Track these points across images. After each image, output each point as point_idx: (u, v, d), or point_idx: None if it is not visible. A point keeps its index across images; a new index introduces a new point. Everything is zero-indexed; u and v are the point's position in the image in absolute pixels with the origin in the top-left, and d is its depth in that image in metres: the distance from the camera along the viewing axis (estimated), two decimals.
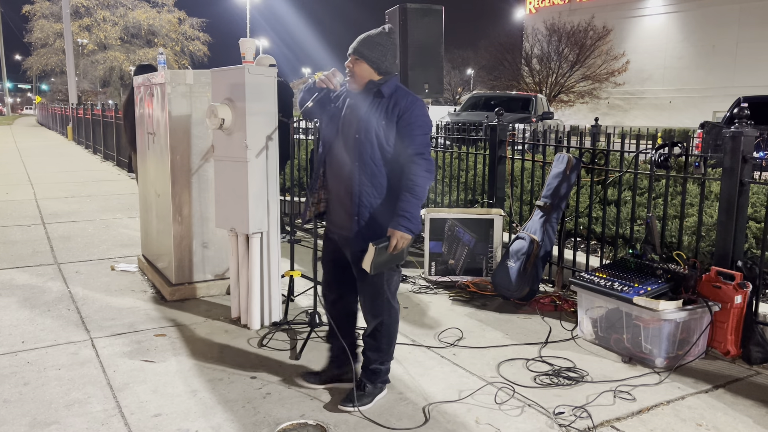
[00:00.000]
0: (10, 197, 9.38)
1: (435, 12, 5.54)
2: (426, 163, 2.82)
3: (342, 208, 2.95)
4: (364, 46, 2.90)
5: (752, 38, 35.28)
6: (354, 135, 2.86)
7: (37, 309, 4.38)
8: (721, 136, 3.91)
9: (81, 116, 20.95)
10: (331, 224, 3.07)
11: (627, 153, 4.58)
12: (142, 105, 5.12)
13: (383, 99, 2.87)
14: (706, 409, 3.08)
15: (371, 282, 2.96)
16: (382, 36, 2.93)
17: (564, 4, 44.16)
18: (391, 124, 2.83)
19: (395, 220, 2.81)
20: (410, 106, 2.83)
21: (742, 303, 3.63)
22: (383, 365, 3.09)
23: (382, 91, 2.87)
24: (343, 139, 2.93)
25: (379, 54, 2.89)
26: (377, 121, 2.83)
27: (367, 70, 2.89)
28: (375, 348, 3.06)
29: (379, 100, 2.87)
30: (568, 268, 4.85)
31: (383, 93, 2.87)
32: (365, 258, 2.80)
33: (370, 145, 2.83)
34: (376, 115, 2.84)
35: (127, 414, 2.93)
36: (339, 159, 2.94)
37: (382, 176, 2.87)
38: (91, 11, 44.73)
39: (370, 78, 2.90)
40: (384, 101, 2.86)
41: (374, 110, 2.85)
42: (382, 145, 2.84)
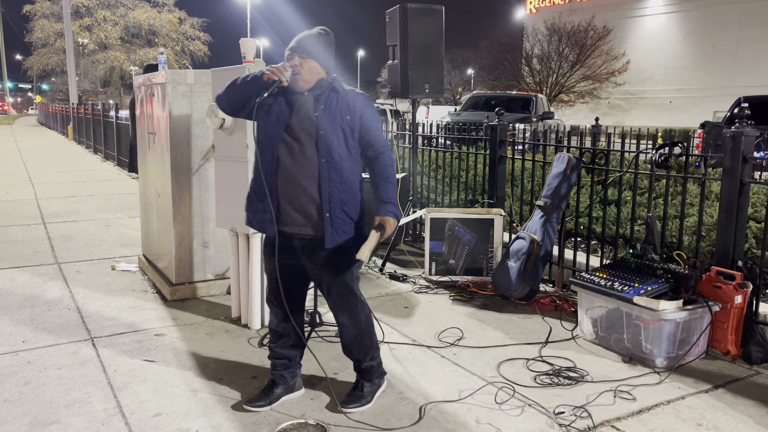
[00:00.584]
0: (11, 197, 9.38)
1: (435, 12, 5.55)
2: (390, 153, 2.93)
3: (305, 210, 2.84)
4: (312, 46, 2.89)
5: (753, 38, 35.26)
6: (318, 131, 2.82)
7: (38, 308, 4.38)
8: (721, 136, 3.91)
9: (81, 116, 20.96)
10: (287, 227, 2.88)
11: (627, 153, 4.58)
12: (142, 105, 5.13)
13: (339, 95, 2.89)
14: (706, 409, 3.08)
15: (342, 281, 2.92)
16: (325, 37, 2.93)
17: (564, 4, 44.14)
18: (356, 118, 2.87)
19: (384, 207, 2.83)
20: (366, 103, 2.92)
21: (742, 303, 3.63)
22: (374, 360, 3.09)
23: (336, 88, 2.90)
24: (302, 138, 2.84)
25: (328, 54, 2.92)
26: (341, 116, 2.85)
27: (317, 69, 2.89)
28: (361, 347, 3.03)
29: (336, 96, 2.88)
30: (568, 267, 4.85)
31: (338, 90, 2.90)
32: (364, 247, 2.78)
33: (337, 140, 2.84)
34: (339, 110, 2.86)
35: (128, 413, 2.93)
36: (299, 159, 2.83)
37: (348, 171, 2.87)
38: (92, 11, 44.72)
39: (320, 76, 2.90)
40: (341, 97, 2.88)
41: (335, 106, 2.86)
42: (347, 140, 2.86)
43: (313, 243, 2.88)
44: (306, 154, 2.83)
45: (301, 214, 2.86)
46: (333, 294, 2.96)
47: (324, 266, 2.91)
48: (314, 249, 2.88)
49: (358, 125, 2.88)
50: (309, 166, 2.83)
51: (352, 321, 2.98)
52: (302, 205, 2.85)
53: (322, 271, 2.92)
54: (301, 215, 2.86)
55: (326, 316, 4.26)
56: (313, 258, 2.91)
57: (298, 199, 2.85)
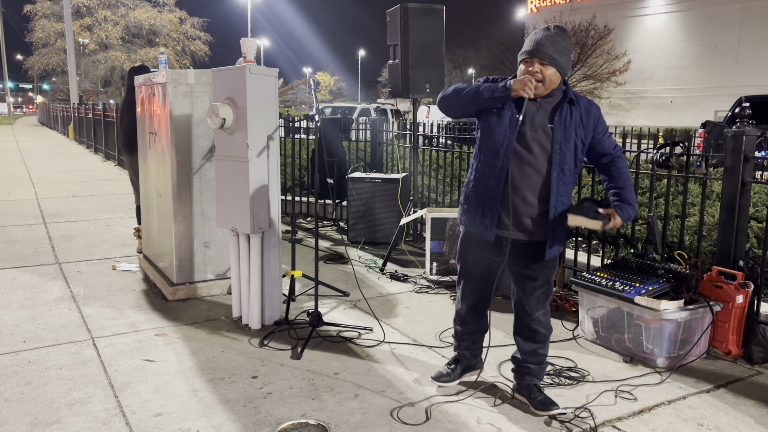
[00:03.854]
0: (12, 197, 9.38)
1: (436, 11, 5.54)
2: (623, 158, 2.96)
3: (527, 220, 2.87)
4: (554, 51, 2.74)
5: (754, 38, 35.22)
6: (552, 144, 2.79)
7: (39, 308, 4.38)
8: (722, 136, 3.91)
9: (82, 116, 20.97)
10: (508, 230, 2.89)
11: (628, 152, 4.57)
12: (143, 105, 5.13)
13: (575, 107, 2.82)
14: (707, 409, 3.08)
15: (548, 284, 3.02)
16: (564, 39, 2.78)
17: (565, 4, 44.10)
18: (588, 132, 2.86)
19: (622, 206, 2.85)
20: (599, 113, 2.90)
21: (743, 303, 3.62)
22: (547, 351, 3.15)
23: (571, 97, 2.83)
24: (534, 148, 2.80)
25: (567, 60, 2.80)
26: (576, 131, 2.82)
27: (556, 76, 2.78)
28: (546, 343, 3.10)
29: (570, 108, 2.82)
30: (569, 267, 4.85)
31: (573, 99, 2.83)
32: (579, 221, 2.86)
33: (570, 153, 2.83)
34: (573, 124, 2.82)
35: (129, 413, 2.93)
36: (529, 168, 2.81)
37: (571, 185, 2.91)
38: (93, 11, 44.75)
39: (557, 83, 2.82)
40: (576, 109, 2.82)
41: (569, 118, 2.81)
42: (578, 153, 2.86)
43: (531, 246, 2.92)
44: (537, 165, 2.82)
45: (521, 223, 2.88)
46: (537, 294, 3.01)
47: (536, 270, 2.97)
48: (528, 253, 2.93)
49: (590, 138, 2.88)
50: (538, 178, 2.83)
51: (545, 318, 3.06)
52: (525, 214, 2.86)
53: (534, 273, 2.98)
54: (522, 224, 2.88)
55: (327, 316, 4.26)
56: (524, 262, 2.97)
57: (521, 208, 2.86)
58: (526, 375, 3.09)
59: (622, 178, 2.91)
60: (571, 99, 2.82)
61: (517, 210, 2.86)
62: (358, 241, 6.37)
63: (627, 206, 2.87)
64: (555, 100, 2.83)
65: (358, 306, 4.52)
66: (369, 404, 3.05)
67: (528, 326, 3.06)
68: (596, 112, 2.89)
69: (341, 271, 5.45)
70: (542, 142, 2.80)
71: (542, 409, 2.96)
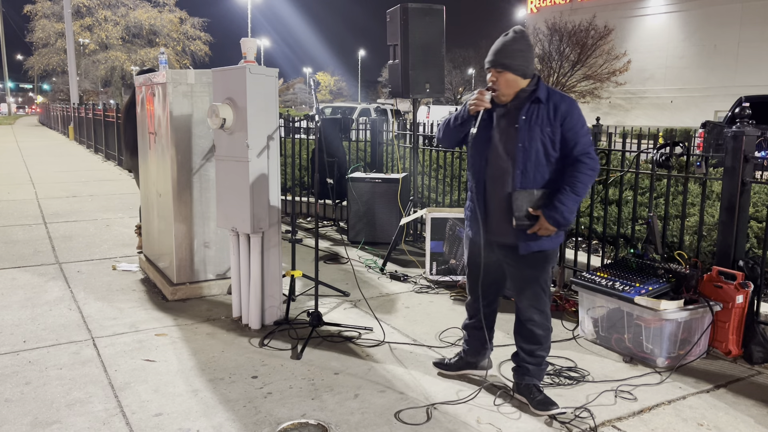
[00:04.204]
0: (12, 197, 9.38)
1: (436, 11, 5.54)
2: (591, 161, 2.86)
3: (505, 219, 2.95)
4: (504, 57, 2.86)
5: (754, 38, 35.22)
6: (516, 144, 2.86)
7: (39, 308, 4.38)
8: (722, 136, 3.91)
9: (82, 116, 20.97)
10: (492, 234, 3.04)
11: (628, 152, 4.58)
12: (143, 105, 5.13)
13: (542, 104, 2.86)
14: (707, 409, 3.08)
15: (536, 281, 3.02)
16: (518, 42, 2.88)
17: (565, 4, 44.10)
18: (555, 129, 2.85)
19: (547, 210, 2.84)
20: (570, 108, 2.86)
21: (743, 303, 3.62)
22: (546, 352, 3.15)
23: (539, 97, 2.87)
24: (502, 151, 2.91)
25: (522, 60, 2.87)
26: (542, 128, 2.84)
27: (514, 80, 2.87)
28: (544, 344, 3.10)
29: (537, 107, 2.86)
30: (569, 267, 4.85)
31: (540, 98, 2.86)
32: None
33: (536, 152, 2.85)
34: (539, 121, 2.84)
35: (129, 413, 2.93)
36: (500, 170, 2.93)
37: (543, 182, 2.90)
38: (93, 11, 44.73)
39: (519, 86, 2.88)
40: (543, 107, 2.85)
41: (535, 117, 2.84)
42: (547, 152, 2.86)
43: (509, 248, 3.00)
44: (506, 168, 2.90)
45: (500, 224, 2.98)
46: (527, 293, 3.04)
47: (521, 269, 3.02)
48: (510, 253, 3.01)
49: (559, 136, 2.86)
50: (507, 178, 2.90)
51: (541, 318, 3.06)
52: (501, 215, 2.95)
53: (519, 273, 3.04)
54: (501, 225, 2.98)
55: (327, 316, 4.26)
56: (510, 261, 3.04)
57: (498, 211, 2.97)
58: (526, 375, 3.09)
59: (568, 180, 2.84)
60: (538, 97, 2.87)
61: (496, 214, 2.99)
62: (358, 241, 6.38)
63: (552, 210, 2.83)
64: (522, 101, 2.90)
65: (358, 306, 4.52)
66: (369, 404, 3.05)
67: (524, 326, 3.08)
68: (566, 107, 2.85)
69: (341, 271, 5.45)
70: (509, 145, 2.89)
71: (541, 409, 2.96)
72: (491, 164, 2.96)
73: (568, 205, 2.82)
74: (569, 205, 2.83)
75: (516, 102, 2.91)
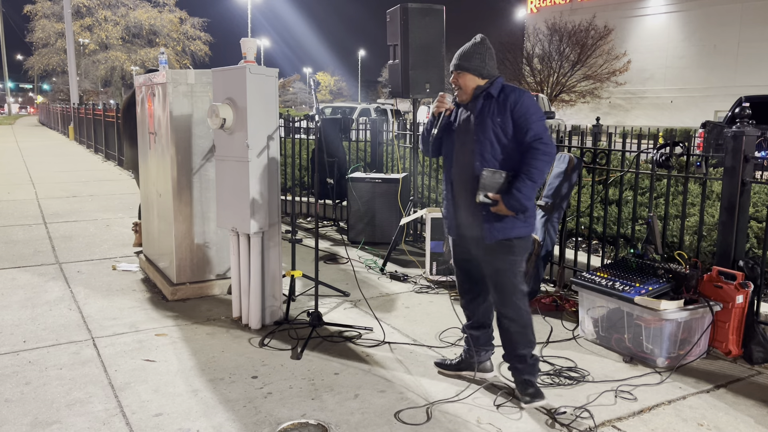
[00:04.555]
0: (12, 197, 9.39)
1: (436, 11, 5.54)
2: (545, 146, 2.92)
3: (471, 209, 3.06)
4: (463, 60, 3.08)
5: (754, 38, 35.22)
6: (472, 137, 3.01)
7: (39, 308, 4.38)
8: (722, 136, 3.91)
9: (82, 116, 20.97)
10: (463, 229, 3.16)
11: (628, 153, 4.58)
12: (143, 105, 5.13)
13: (493, 99, 3.00)
14: (707, 409, 3.08)
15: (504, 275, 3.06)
16: (476, 46, 3.09)
17: (565, 4, 44.09)
18: (506, 117, 2.95)
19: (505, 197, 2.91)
20: (519, 97, 2.97)
21: (743, 303, 3.62)
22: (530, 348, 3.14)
23: (490, 92, 3.02)
24: (464, 147, 3.07)
25: (479, 62, 3.06)
26: (492, 119, 2.97)
27: (471, 79, 3.06)
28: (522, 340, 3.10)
29: (489, 101, 3.01)
30: (569, 267, 4.85)
31: (492, 94, 3.01)
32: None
33: (490, 143, 2.97)
34: (490, 114, 2.98)
35: (129, 413, 2.93)
36: (462, 166, 3.09)
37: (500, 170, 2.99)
38: (93, 11, 44.72)
39: (476, 85, 3.06)
40: (494, 100, 3.00)
41: (487, 110, 2.99)
42: (500, 140, 2.97)
43: (477, 240, 3.08)
44: (467, 160, 3.04)
45: (469, 217, 3.09)
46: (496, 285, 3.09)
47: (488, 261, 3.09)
48: (479, 245, 3.09)
49: (510, 124, 2.96)
50: (468, 172, 3.03)
51: (515, 314, 3.07)
52: (468, 208, 3.07)
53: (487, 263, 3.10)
54: (469, 218, 3.09)
55: (327, 316, 4.26)
56: (480, 254, 3.12)
57: (465, 206, 3.10)
58: (516, 373, 3.12)
59: (523, 167, 2.91)
60: (490, 93, 3.02)
61: (465, 209, 3.11)
62: (358, 241, 6.38)
63: (510, 196, 2.90)
64: (478, 99, 3.06)
65: (358, 306, 4.52)
66: (369, 404, 3.05)
67: (500, 321, 3.13)
68: (515, 97, 2.97)
69: (341, 271, 5.45)
70: (468, 140, 3.05)
71: (527, 402, 2.99)
72: (456, 162, 3.13)
73: (525, 192, 2.91)
74: (525, 192, 2.91)
75: (473, 101, 3.08)
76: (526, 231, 3.05)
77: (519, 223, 3.01)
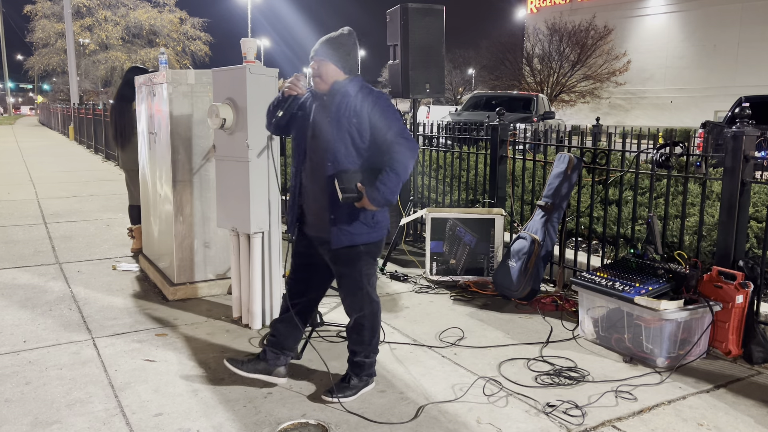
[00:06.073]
0: (12, 197, 9.39)
1: (436, 12, 5.54)
2: (407, 142, 2.90)
3: (319, 210, 3.00)
4: (328, 48, 2.96)
5: (754, 38, 35.22)
6: (327, 135, 2.92)
7: (39, 308, 4.38)
8: (722, 136, 3.91)
9: (82, 116, 20.97)
10: (309, 228, 3.10)
11: (628, 153, 4.58)
12: (143, 105, 5.13)
13: (351, 97, 2.94)
14: (707, 409, 3.08)
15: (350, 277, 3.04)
16: (344, 37, 2.99)
17: (565, 4, 44.09)
18: (363, 119, 2.90)
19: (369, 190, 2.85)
20: (377, 99, 2.93)
21: (743, 303, 3.63)
22: (368, 358, 3.14)
23: (349, 90, 2.95)
24: (316, 142, 2.98)
25: (344, 54, 2.97)
26: (348, 119, 2.90)
27: (333, 70, 2.96)
28: (359, 342, 3.12)
29: (347, 99, 2.94)
30: (569, 267, 4.85)
31: (350, 92, 2.95)
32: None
33: (344, 143, 2.90)
34: (346, 113, 2.91)
35: (129, 413, 2.94)
36: (314, 163, 2.99)
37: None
38: (93, 11, 44.69)
39: (336, 78, 2.97)
40: (352, 99, 2.93)
41: (344, 109, 2.91)
42: (355, 141, 2.91)
43: (325, 241, 3.01)
44: (319, 160, 2.95)
45: (316, 218, 3.02)
46: (342, 287, 3.09)
47: (335, 265, 3.07)
48: (326, 246, 3.02)
49: (367, 126, 2.91)
50: (321, 169, 2.95)
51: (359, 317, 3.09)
52: (318, 205, 2.99)
53: (332, 266, 3.09)
54: (317, 214, 3.01)
55: (327, 316, 4.26)
56: (327, 257, 3.08)
57: (313, 204, 3.01)
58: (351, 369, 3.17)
59: (388, 162, 2.87)
60: (348, 91, 2.95)
61: (311, 207, 3.04)
62: None
63: (374, 190, 2.85)
64: (335, 93, 2.96)
65: None
66: (369, 404, 3.05)
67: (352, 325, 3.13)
68: (373, 98, 2.93)
69: None
70: (321, 137, 2.95)
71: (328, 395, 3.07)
72: (308, 157, 3.02)
73: (389, 185, 2.86)
74: (390, 186, 2.87)
75: (330, 95, 2.98)
76: (374, 237, 3.01)
77: (367, 229, 2.96)
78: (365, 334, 3.10)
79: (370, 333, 3.11)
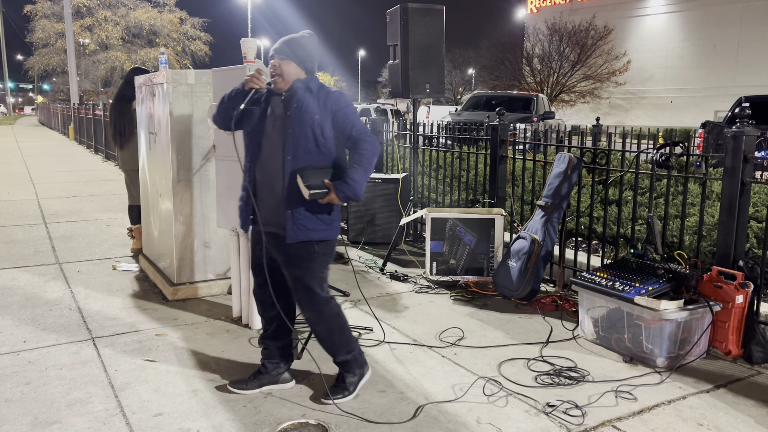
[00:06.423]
0: (12, 197, 9.39)
1: (436, 12, 5.54)
2: (370, 138, 2.95)
3: (275, 204, 2.98)
4: (291, 47, 2.98)
5: (754, 38, 35.23)
6: (287, 130, 2.92)
7: (39, 308, 4.38)
8: (722, 136, 3.91)
9: (83, 116, 20.97)
10: (263, 223, 3.05)
11: (628, 153, 4.58)
12: (143, 105, 5.13)
13: (312, 95, 2.96)
14: (707, 409, 3.08)
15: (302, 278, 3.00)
16: (305, 38, 3.02)
17: (565, 4, 44.11)
18: (326, 116, 2.93)
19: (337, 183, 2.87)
20: (338, 98, 2.97)
21: (743, 303, 3.63)
22: (350, 353, 3.13)
23: (310, 87, 2.98)
24: (274, 137, 2.98)
25: (306, 54, 3.00)
26: (311, 115, 2.91)
27: (295, 69, 2.98)
28: (332, 344, 3.11)
29: (309, 96, 2.96)
30: (569, 267, 4.85)
31: (312, 89, 2.97)
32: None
33: (305, 138, 2.91)
34: (309, 109, 2.92)
35: (129, 413, 2.94)
36: (270, 157, 2.98)
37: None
38: (93, 11, 44.71)
39: (297, 77, 2.99)
40: (313, 96, 2.96)
41: (306, 105, 2.93)
42: (317, 137, 2.92)
43: (279, 238, 2.99)
44: (277, 152, 2.95)
45: (271, 212, 3.00)
46: (296, 291, 3.06)
47: (286, 261, 3.02)
48: (280, 244, 3.00)
49: (329, 123, 2.93)
50: (278, 165, 2.95)
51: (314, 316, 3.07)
52: (271, 203, 2.99)
53: (284, 266, 3.04)
54: (272, 213, 3.00)
55: None
56: (279, 253, 3.04)
57: (268, 199, 3.00)
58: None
59: (355, 158, 2.91)
60: (309, 87, 2.97)
61: (266, 202, 3.02)
62: (358, 241, 6.38)
63: (343, 184, 2.86)
64: (296, 90, 2.98)
65: (358, 306, 4.52)
66: (369, 404, 3.05)
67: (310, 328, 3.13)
68: (336, 97, 2.96)
69: (341, 270, 5.44)
70: (281, 132, 2.96)
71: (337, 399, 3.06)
72: (263, 151, 3.02)
73: (357, 179, 2.88)
74: (359, 180, 2.89)
75: (290, 92, 2.99)
76: (330, 235, 3.00)
77: (323, 225, 2.96)
78: (335, 336, 3.09)
79: (339, 332, 3.10)
